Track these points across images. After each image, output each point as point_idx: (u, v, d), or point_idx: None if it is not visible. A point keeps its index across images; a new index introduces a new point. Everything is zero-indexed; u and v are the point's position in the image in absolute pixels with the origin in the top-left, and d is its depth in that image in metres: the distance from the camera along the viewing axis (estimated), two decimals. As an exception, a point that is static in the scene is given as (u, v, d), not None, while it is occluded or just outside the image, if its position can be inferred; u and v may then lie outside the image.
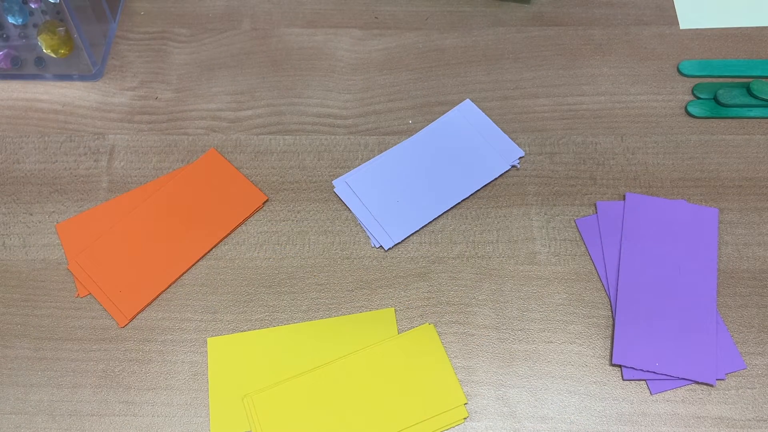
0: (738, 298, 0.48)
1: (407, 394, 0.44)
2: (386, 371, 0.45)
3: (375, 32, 0.60)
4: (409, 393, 0.44)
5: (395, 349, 0.46)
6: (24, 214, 0.52)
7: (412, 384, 0.45)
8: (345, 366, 0.45)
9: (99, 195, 0.53)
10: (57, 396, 0.45)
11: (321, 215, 0.52)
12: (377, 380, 0.45)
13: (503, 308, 0.48)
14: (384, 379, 0.45)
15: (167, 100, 0.57)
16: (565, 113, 0.56)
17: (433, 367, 0.45)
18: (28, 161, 0.54)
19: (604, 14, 0.61)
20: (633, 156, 0.54)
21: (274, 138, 0.55)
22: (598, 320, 0.47)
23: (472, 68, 0.58)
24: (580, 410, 0.44)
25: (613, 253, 0.49)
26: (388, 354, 0.46)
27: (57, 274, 0.50)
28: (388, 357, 0.45)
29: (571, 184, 0.53)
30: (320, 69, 0.58)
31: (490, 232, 0.51)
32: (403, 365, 0.45)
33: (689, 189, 0.52)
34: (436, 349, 0.46)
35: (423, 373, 0.45)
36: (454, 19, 0.61)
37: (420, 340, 0.46)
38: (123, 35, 0.61)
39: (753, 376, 0.45)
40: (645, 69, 0.58)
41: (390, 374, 0.45)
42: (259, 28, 0.61)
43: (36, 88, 0.58)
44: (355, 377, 0.45)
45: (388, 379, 0.45)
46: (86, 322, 0.48)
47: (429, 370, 0.45)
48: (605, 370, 0.46)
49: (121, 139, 0.55)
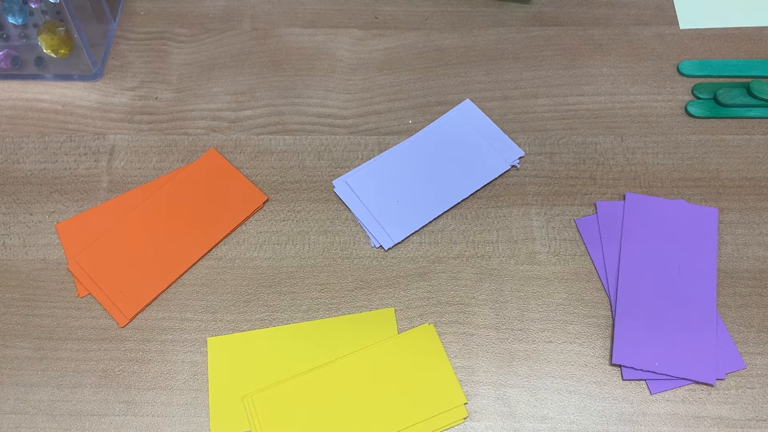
0: (738, 298, 0.48)
1: (407, 394, 0.44)
2: (386, 371, 0.45)
3: (375, 32, 0.60)
4: (409, 393, 0.44)
5: (395, 349, 0.46)
6: (24, 214, 0.52)
7: (411, 384, 0.45)
8: (345, 366, 0.45)
9: (99, 195, 0.53)
10: (57, 396, 0.45)
11: (321, 215, 0.52)
12: (377, 380, 0.45)
13: (503, 308, 0.48)
14: (384, 379, 0.45)
15: (167, 100, 0.57)
16: (565, 113, 0.56)
17: (433, 366, 0.45)
18: (28, 161, 0.55)
19: (604, 14, 0.61)
20: (633, 156, 0.54)
21: (274, 138, 0.55)
22: (598, 320, 0.47)
23: (472, 68, 0.58)
24: (580, 410, 0.44)
25: (613, 253, 0.49)
26: (387, 354, 0.46)
27: (57, 274, 0.50)
28: (388, 357, 0.45)
29: (571, 184, 0.53)
30: (320, 69, 0.59)
31: (490, 232, 0.51)
32: (402, 365, 0.45)
33: (689, 189, 0.52)
34: (435, 349, 0.46)
35: (423, 372, 0.45)
36: (454, 19, 0.61)
37: (420, 339, 0.46)
38: (123, 35, 0.61)
39: (753, 376, 0.45)
40: (645, 69, 0.58)
41: (390, 374, 0.45)
42: (259, 28, 0.61)
43: (36, 88, 0.58)
44: (355, 377, 0.45)
45: (388, 378, 0.45)
46: (86, 322, 0.48)
47: (429, 369, 0.45)
48: (605, 370, 0.46)
49: (121, 139, 0.55)
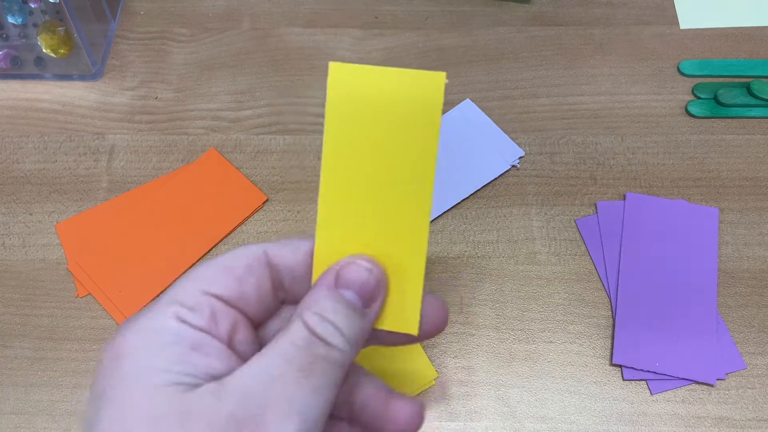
0: (738, 298, 0.48)
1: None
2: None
3: (375, 32, 0.60)
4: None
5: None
6: (24, 213, 0.52)
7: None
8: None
9: (99, 195, 0.53)
10: (57, 396, 0.45)
11: (321, 215, 0.52)
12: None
13: (503, 308, 0.48)
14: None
15: (167, 99, 0.57)
16: (566, 113, 0.56)
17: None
18: (27, 161, 0.54)
19: (604, 14, 0.61)
20: (633, 156, 0.53)
21: (274, 138, 0.55)
22: (598, 320, 0.47)
23: (472, 68, 0.58)
24: (581, 410, 0.44)
25: (613, 252, 0.49)
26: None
27: (57, 274, 0.50)
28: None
29: (572, 184, 0.52)
30: (320, 69, 0.58)
31: (490, 232, 0.51)
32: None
33: (689, 189, 0.52)
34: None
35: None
36: (454, 19, 0.61)
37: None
38: (123, 35, 0.61)
39: (753, 376, 0.45)
40: (645, 69, 0.58)
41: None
42: (259, 28, 0.61)
43: (35, 88, 0.58)
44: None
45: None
46: (86, 322, 0.48)
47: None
48: (605, 370, 0.46)
49: (120, 138, 0.55)
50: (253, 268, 0.28)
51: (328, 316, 0.25)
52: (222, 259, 0.28)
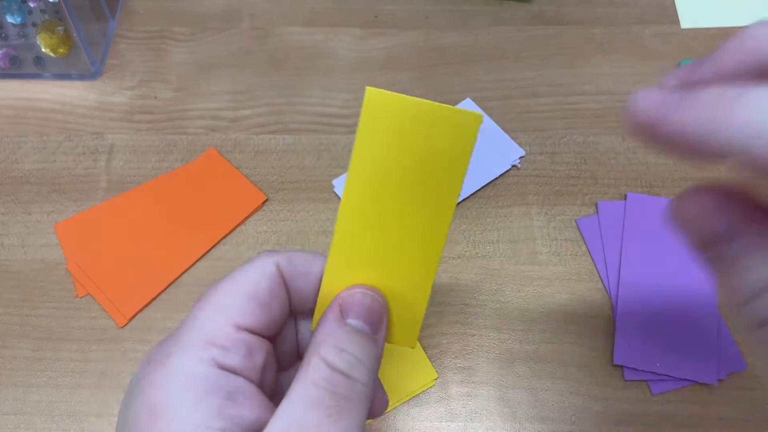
0: (739, 299, 0.47)
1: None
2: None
3: (375, 31, 0.60)
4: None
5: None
6: (22, 213, 0.52)
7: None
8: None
9: (98, 195, 0.53)
10: (56, 396, 0.45)
11: (321, 215, 0.52)
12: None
13: (504, 308, 0.48)
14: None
15: (166, 99, 0.57)
16: (566, 112, 0.56)
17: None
18: (26, 161, 0.54)
19: (605, 13, 0.61)
20: (634, 155, 0.53)
21: (274, 137, 0.55)
22: (599, 320, 0.47)
23: (473, 67, 0.58)
24: (582, 411, 0.44)
25: (614, 253, 0.49)
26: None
27: (56, 274, 0.50)
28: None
29: (572, 184, 0.52)
30: (320, 68, 0.58)
31: (490, 231, 0.51)
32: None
33: (690, 189, 0.52)
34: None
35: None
36: (454, 18, 0.61)
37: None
38: (122, 34, 0.60)
39: (754, 376, 0.45)
40: (646, 68, 0.58)
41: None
42: (259, 27, 0.61)
43: (35, 88, 0.58)
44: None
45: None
46: (85, 323, 0.48)
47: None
48: (606, 371, 0.45)
49: (120, 138, 0.55)
50: (275, 291, 0.27)
51: (345, 347, 0.25)
52: (244, 285, 0.27)
